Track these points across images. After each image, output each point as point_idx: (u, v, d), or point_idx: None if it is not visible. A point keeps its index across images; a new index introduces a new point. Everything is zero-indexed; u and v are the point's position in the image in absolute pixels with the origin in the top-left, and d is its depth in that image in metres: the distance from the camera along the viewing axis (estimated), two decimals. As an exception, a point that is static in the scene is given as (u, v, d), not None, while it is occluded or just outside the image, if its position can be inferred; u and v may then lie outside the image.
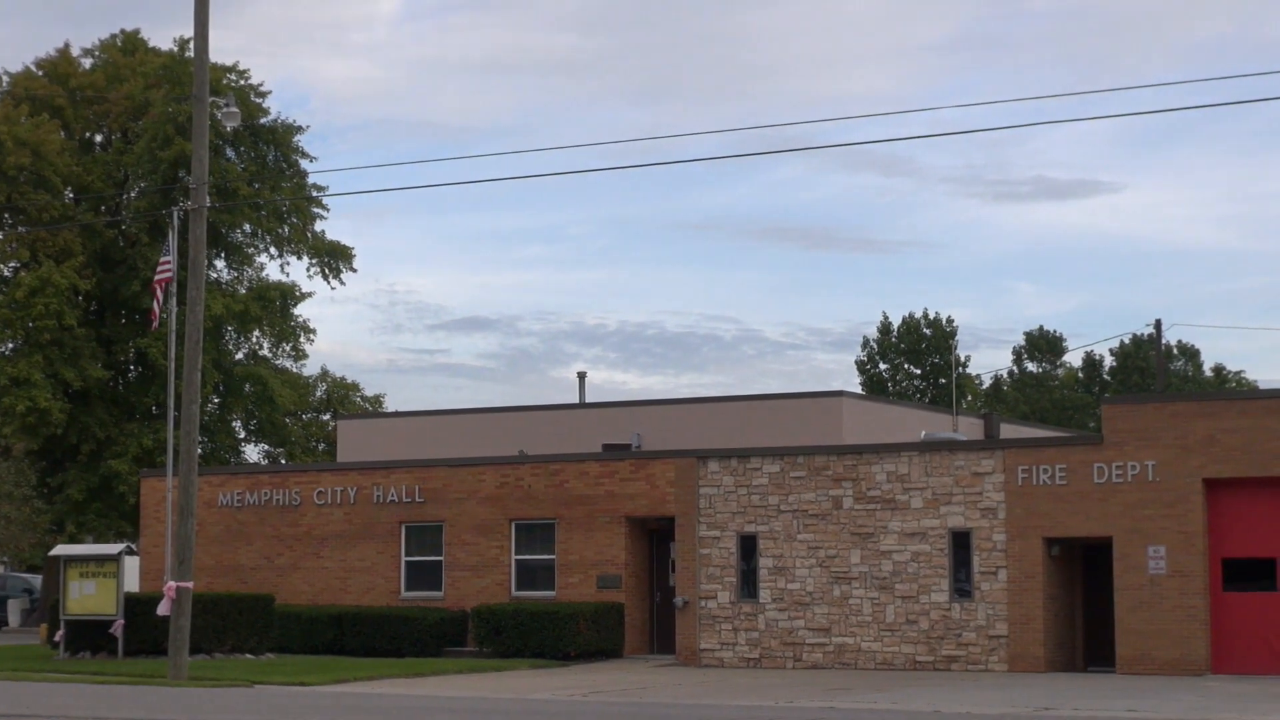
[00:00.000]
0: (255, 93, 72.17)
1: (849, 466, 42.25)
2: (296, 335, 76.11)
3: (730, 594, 43.27)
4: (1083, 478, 39.80)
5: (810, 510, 42.53)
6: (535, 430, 53.85)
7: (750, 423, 50.55)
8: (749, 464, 43.36)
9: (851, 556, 41.99)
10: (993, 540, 40.59)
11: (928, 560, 41.23)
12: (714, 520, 43.54)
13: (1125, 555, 39.25)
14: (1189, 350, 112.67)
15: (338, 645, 46.35)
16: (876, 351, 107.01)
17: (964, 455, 41.36)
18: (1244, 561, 39.03)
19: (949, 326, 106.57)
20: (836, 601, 42.07)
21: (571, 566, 45.81)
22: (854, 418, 50.73)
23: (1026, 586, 40.16)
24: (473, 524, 47.03)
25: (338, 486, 49.06)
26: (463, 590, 46.92)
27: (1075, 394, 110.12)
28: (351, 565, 48.55)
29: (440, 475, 47.79)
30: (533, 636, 44.07)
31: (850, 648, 41.81)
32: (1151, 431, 39.30)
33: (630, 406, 55.44)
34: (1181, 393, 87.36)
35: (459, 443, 53.24)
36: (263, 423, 74.93)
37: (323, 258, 74.03)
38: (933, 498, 41.28)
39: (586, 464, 46.29)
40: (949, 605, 40.94)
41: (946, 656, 40.77)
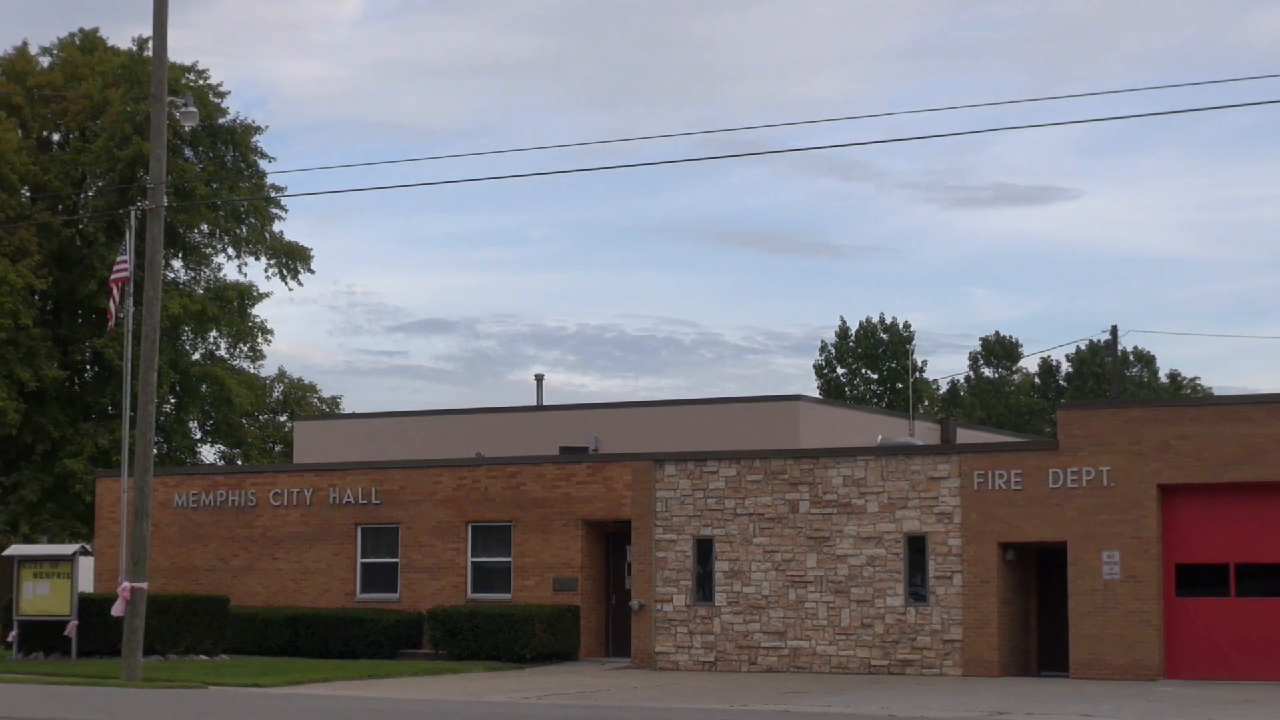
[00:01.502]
0: (214, 93, 72.03)
1: (805, 470, 42.33)
2: (254, 336, 75.95)
3: (686, 597, 43.32)
4: (1038, 483, 39.94)
5: (766, 514, 42.59)
6: (492, 432, 53.81)
7: (707, 426, 50.59)
8: (705, 467, 43.41)
9: (807, 560, 42.07)
10: (948, 545, 40.71)
11: (883, 564, 41.32)
12: (670, 523, 43.58)
13: (1079, 560, 39.40)
14: (1145, 356, 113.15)
15: (292, 647, 46.25)
16: (834, 356, 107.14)
17: (920, 460, 41.48)
18: (1198, 567, 39.21)
19: (906, 331, 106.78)
20: (792, 605, 42.14)
21: (528, 569, 45.79)
22: (811, 422, 50.82)
23: (981, 591, 40.29)
24: (429, 526, 46.98)
25: (294, 488, 48.95)
26: (419, 592, 46.86)
27: (1031, 399, 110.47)
28: (307, 567, 48.45)
29: (397, 477, 47.73)
30: (488, 639, 44.04)
31: (805, 651, 41.89)
32: (1106, 437, 39.47)
33: (588, 409, 55.45)
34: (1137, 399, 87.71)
35: (416, 445, 53.18)
36: (219, 423, 74.77)
37: (281, 258, 73.90)
38: (888, 502, 41.38)
39: (543, 466, 46.28)
40: (904, 609, 41.05)
41: (901, 660, 40.88)
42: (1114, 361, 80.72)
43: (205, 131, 70.45)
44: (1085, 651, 39.15)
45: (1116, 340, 78.41)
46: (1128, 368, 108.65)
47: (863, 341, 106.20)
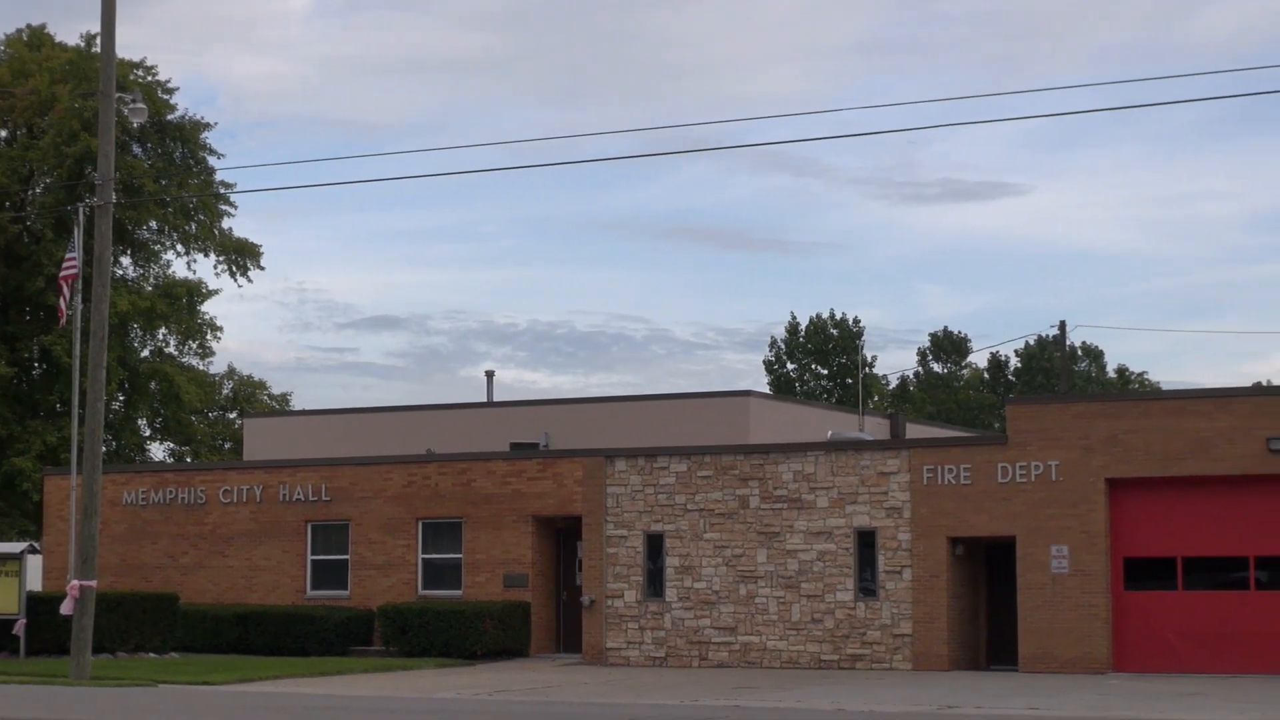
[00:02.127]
0: (162, 89, 71.77)
1: (755, 466, 42.42)
2: (203, 333, 75.72)
3: (637, 593, 43.36)
4: (987, 477, 40.11)
5: (717, 509, 42.66)
6: (443, 429, 53.76)
7: (658, 422, 50.64)
8: (656, 463, 43.46)
9: (758, 556, 42.15)
10: (898, 539, 40.84)
11: (833, 559, 41.44)
12: (621, 519, 43.62)
13: (1028, 554, 39.57)
14: (1093, 351, 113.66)
15: (243, 644, 46.14)
16: (784, 351, 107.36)
17: (869, 455, 41.60)
18: (1146, 561, 39.43)
19: (856, 327, 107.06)
20: (742, 600, 42.22)
21: (478, 565, 45.77)
22: (761, 417, 50.92)
23: (931, 585, 40.44)
24: (379, 523, 46.91)
25: (243, 485, 48.83)
26: (369, 589, 46.80)
27: (980, 394, 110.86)
28: (257, 564, 48.34)
29: (347, 474, 47.65)
30: (439, 635, 44.01)
31: (756, 646, 41.97)
32: (1055, 432, 39.65)
33: (538, 405, 55.46)
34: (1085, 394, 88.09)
35: (366, 441, 53.10)
36: (168, 421, 74.49)
37: (230, 255, 73.67)
38: (838, 497, 41.49)
39: (494, 463, 46.27)
40: (854, 604, 41.17)
41: (851, 655, 40.99)
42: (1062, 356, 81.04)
43: (154, 128, 70.20)
44: (1034, 645, 39.31)
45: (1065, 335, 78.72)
46: (1076, 363, 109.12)
47: (813, 337, 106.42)
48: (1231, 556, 38.96)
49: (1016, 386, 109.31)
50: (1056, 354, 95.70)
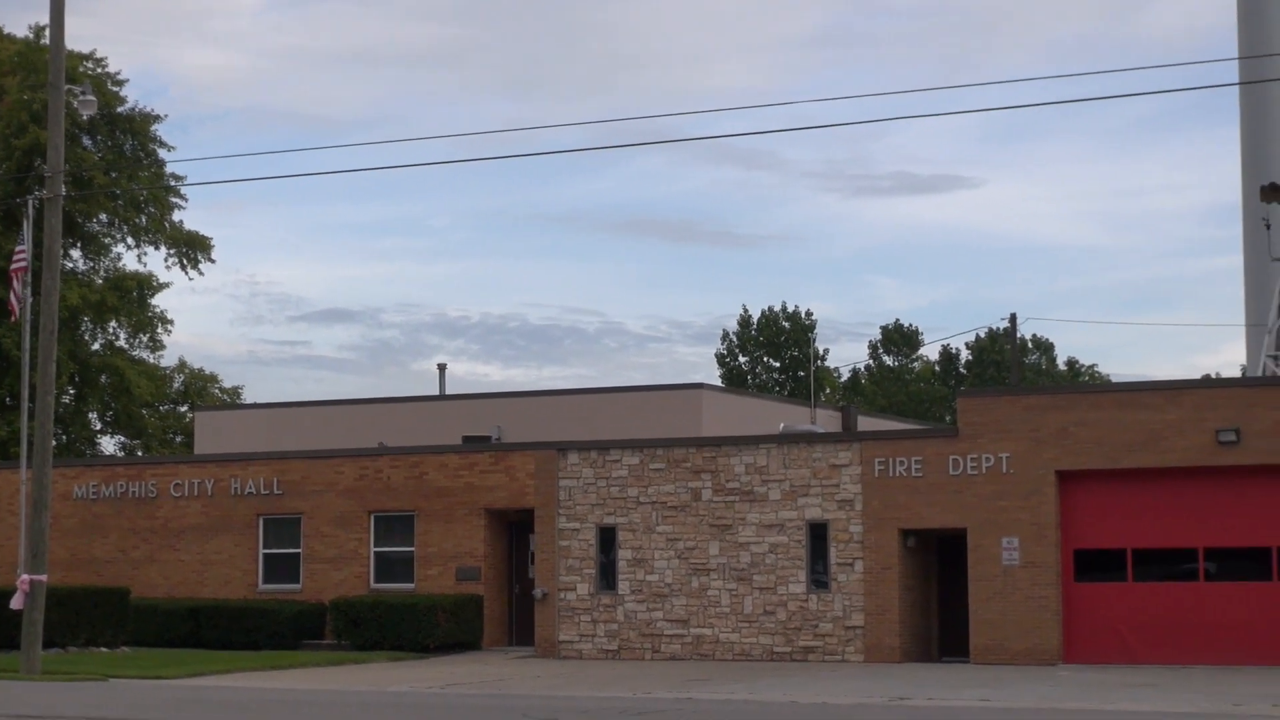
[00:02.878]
0: (112, 81, 71.42)
1: (708, 459, 42.46)
2: (154, 326, 75.35)
3: (589, 586, 43.38)
4: (938, 470, 40.24)
5: (669, 502, 42.70)
6: (395, 422, 53.70)
7: (610, 415, 50.65)
8: (608, 456, 43.47)
9: (710, 548, 42.21)
10: (849, 532, 40.94)
11: (785, 552, 41.51)
12: (573, 512, 43.63)
13: (979, 546, 39.72)
14: (1043, 344, 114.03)
15: (194, 639, 45.99)
16: (736, 344, 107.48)
17: (821, 447, 41.69)
18: (1096, 552, 39.60)
19: (808, 320, 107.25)
20: (695, 593, 42.27)
21: (431, 559, 45.73)
22: (713, 410, 50.99)
23: (883, 578, 40.55)
24: (331, 516, 46.83)
25: (195, 479, 48.68)
26: (321, 583, 46.70)
27: (931, 387, 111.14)
28: (208, 558, 48.19)
29: (299, 467, 47.54)
30: (391, 629, 43.95)
31: (708, 639, 42.03)
32: (1006, 424, 39.80)
33: (491, 399, 55.42)
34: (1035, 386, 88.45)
35: (318, 435, 52.99)
36: (119, 414, 74.18)
37: (181, 248, 73.34)
38: (790, 489, 41.57)
39: (446, 456, 46.22)
40: (806, 596, 41.25)
41: (804, 647, 41.09)
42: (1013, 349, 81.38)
43: (104, 120, 69.85)
44: (985, 637, 39.46)
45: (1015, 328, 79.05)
46: (1027, 355, 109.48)
47: (765, 330, 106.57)
48: (1181, 548, 39.15)
49: (967, 379, 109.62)
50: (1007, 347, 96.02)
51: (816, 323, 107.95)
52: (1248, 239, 64.25)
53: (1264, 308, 55.66)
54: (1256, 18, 64.85)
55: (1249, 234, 63.62)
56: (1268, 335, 51.78)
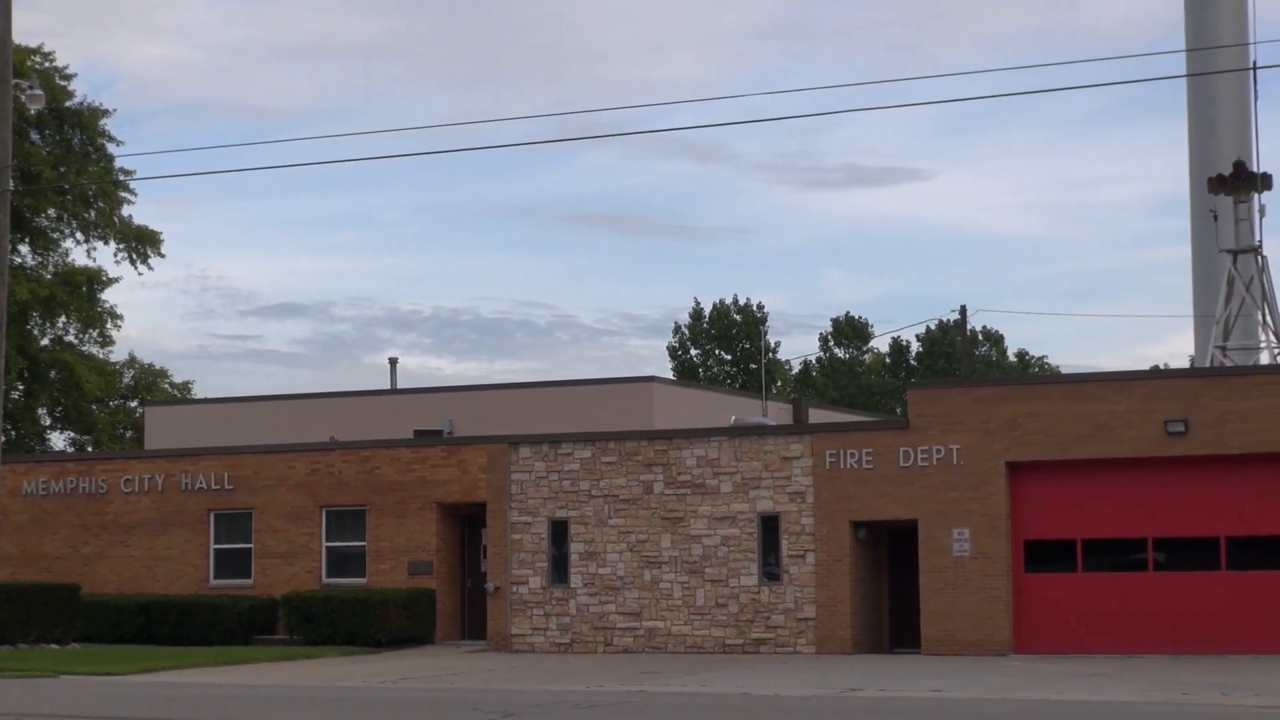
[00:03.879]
0: (60, 75, 71.07)
1: (659, 452, 42.52)
2: (103, 321, 75.01)
3: (541, 579, 43.39)
4: (889, 462, 40.36)
5: (621, 495, 42.75)
6: (347, 416, 53.61)
7: (562, 409, 50.67)
8: (560, 449, 43.50)
9: (662, 541, 42.27)
10: (801, 524, 41.04)
11: (737, 544, 41.60)
12: (525, 506, 43.63)
13: (930, 538, 39.86)
14: (993, 336, 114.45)
15: (145, 635, 45.86)
16: (688, 337, 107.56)
17: (773, 440, 41.77)
18: (1046, 543, 39.78)
19: (759, 313, 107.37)
20: (647, 586, 42.33)
21: (383, 553, 45.68)
22: (665, 403, 51.07)
23: (834, 569, 40.66)
24: (283, 511, 46.74)
25: (145, 474, 48.51)
26: (273, 578, 46.61)
27: (882, 379, 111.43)
28: (159, 554, 48.04)
29: (250, 462, 47.43)
30: (344, 623, 43.90)
31: (661, 632, 42.09)
32: (956, 416, 39.94)
33: (442, 393, 55.40)
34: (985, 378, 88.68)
35: (270, 429, 52.86)
36: (69, 410, 73.85)
37: (130, 243, 73.03)
38: (742, 482, 41.65)
39: (398, 450, 46.17)
40: (758, 589, 41.35)
41: (756, 639, 41.18)
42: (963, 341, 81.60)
43: (51, 115, 69.53)
44: (936, 628, 39.61)
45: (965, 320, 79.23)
46: (977, 347, 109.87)
47: (716, 323, 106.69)
48: (1130, 538, 39.37)
49: (918, 371, 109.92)
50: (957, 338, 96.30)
51: (768, 315, 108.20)
52: (1195, 230, 64.55)
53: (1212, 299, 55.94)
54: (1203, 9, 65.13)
55: (1197, 225, 63.92)
56: (1216, 326, 52.04)
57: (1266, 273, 51.45)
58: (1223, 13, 64.35)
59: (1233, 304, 51.64)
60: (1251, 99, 59.13)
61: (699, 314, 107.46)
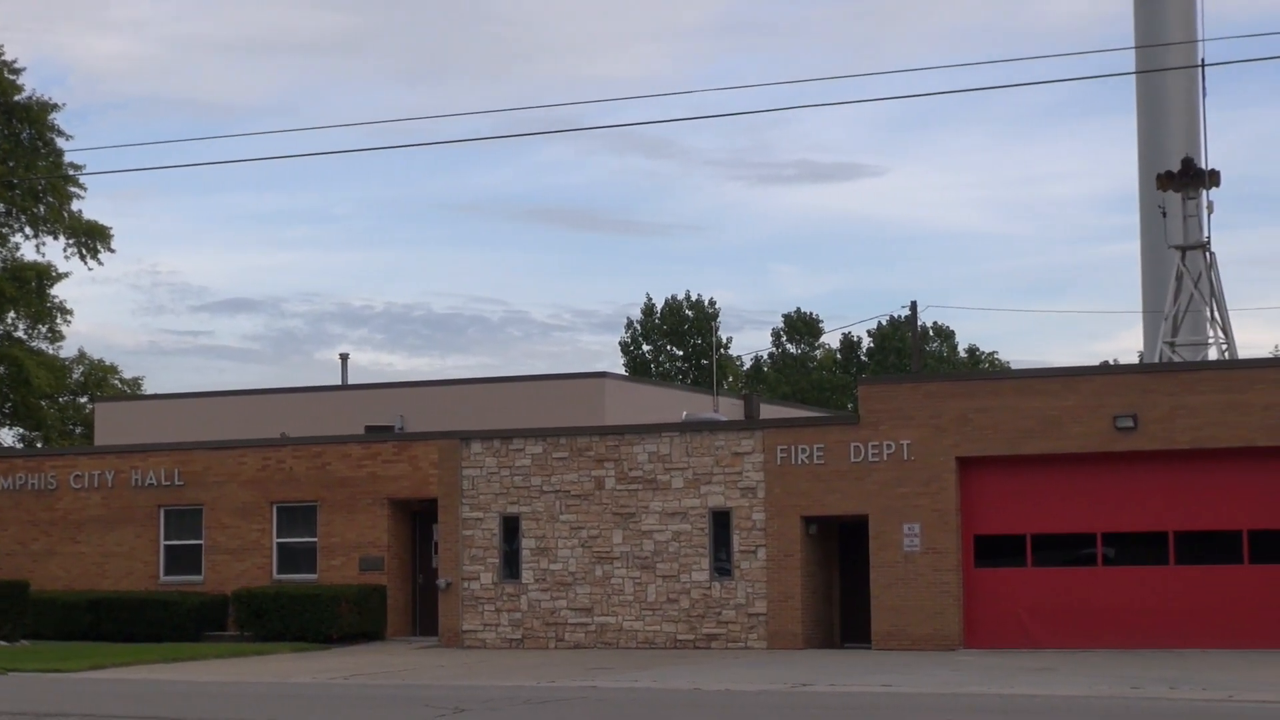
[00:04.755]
0: (9, 69, 70.80)
1: (611, 447, 42.54)
2: (53, 316, 74.77)
3: (493, 575, 43.38)
4: (840, 457, 40.45)
5: (573, 491, 42.75)
6: (298, 412, 53.49)
7: (514, 404, 50.66)
8: (511, 445, 43.48)
9: (613, 537, 42.30)
10: (752, 519, 41.10)
11: (688, 540, 41.64)
12: (477, 501, 43.61)
13: (881, 533, 39.96)
14: (944, 331, 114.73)
15: (95, 631, 45.71)
16: (640, 333, 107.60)
17: (724, 435, 41.83)
18: (996, 538, 39.92)
19: (711, 308, 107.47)
20: (598, 581, 42.35)
21: (334, 549, 45.61)
22: (616, 399, 51.08)
23: (785, 565, 40.74)
24: (233, 507, 46.62)
25: (95, 470, 48.33)
26: (223, 574, 46.49)
27: (833, 375, 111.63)
28: (109, 550, 47.88)
29: (200, 458, 47.29)
30: (294, 619, 43.83)
31: (612, 627, 42.12)
32: (906, 411, 40.05)
33: (394, 388, 55.34)
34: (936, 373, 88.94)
35: (220, 425, 52.72)
36: (17, 406, 73.56)
37: (80, 238, 72.79)
38: (693, 478, 41.69)
39: (349, 446, 46.10)
40: (709, 584, 41.40)
41: (707, 635, 41.23)
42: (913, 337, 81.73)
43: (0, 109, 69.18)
44: (887, 623, 39.72)
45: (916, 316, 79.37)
46: (927, 343, 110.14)
47: (668, 318, 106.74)
48: (1080, 533, 39.54)
49: (869, 367, 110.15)
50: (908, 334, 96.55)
51: (719, 311, 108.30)
52: (1145, 226, 64.84)
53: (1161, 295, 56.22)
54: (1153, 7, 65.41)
55: (1146, 221, 64.21)
56: (1165, 322, 52.32)
57: (1215, 269, 51.75)
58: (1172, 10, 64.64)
59: (1181, 300, 51.93)
60: (1200, 96, 59.41)
61: (651, 310, 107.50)
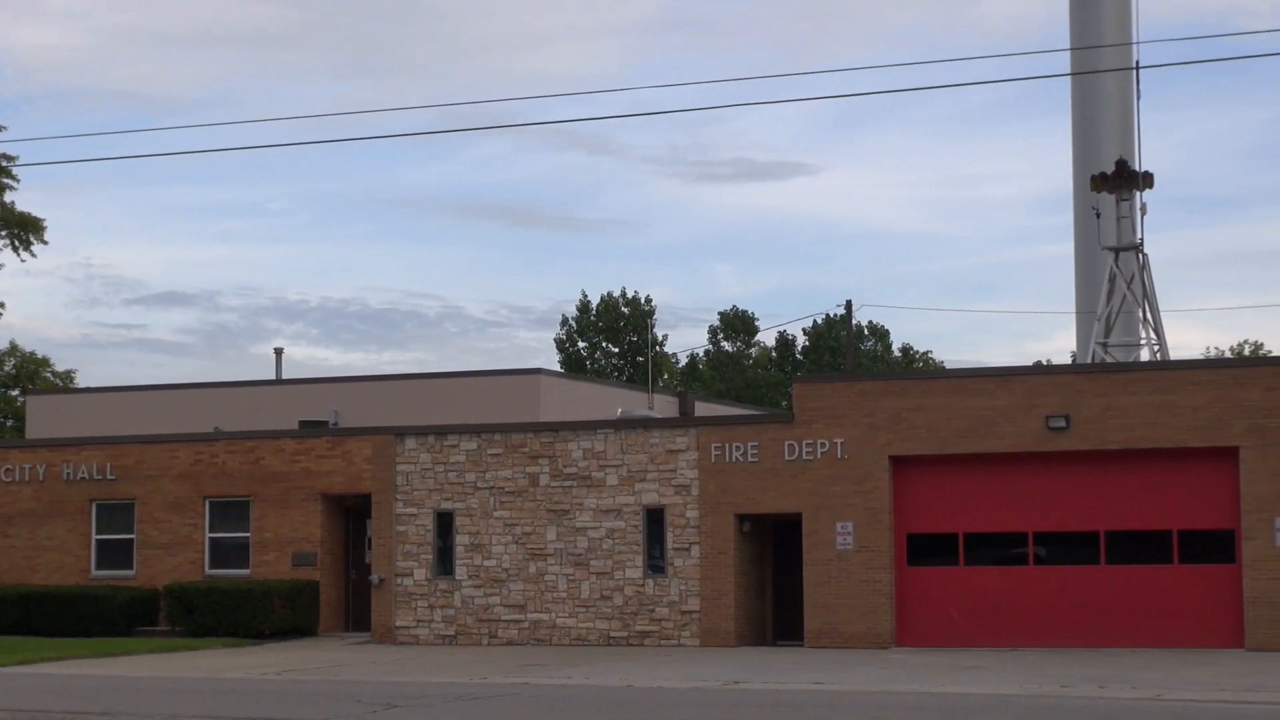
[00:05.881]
0: (-59, 59, 70.34)
1: (546, 444, 42.53)
2: (-16, 309, 74.24)
3: (426, 571, 43.31)
4: (774, 455, 40.53)
5: (507, 487, 42.72)
6: (232, 407, 53.32)
7: (449, 400, 50.60)
8: (446, 441, 43.41)
9: (548, 533, 42.29)
10: (686, 517, 41.15)
11: (622, 537, 41.67)
12: (411, 497, 43.54)
13: (814, 531, 40.06)
14: (879, 330, 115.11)
15: (25, 625, 45.44)
16: (575, 330, 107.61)
17: (659, 433, 41.87)
18: (928, 537, 40.06)
19: (647, 305, 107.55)
20: (532, 578, 42.33)
21: (266, 544, 45.46)
22: (551, 395, 51.09)
23: (718, 562, 40.79)
24: (166, 501, 46.41)
25: (26, 464, 48.02)
26: (155, 569, 46.29)
27: (768, 373, 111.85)
28: (40, 544, 47.59)
29: (133, 452, 47.06)
30: (226, 615, 43.68)
31: (546, 624, 42.11)
32: (840, 410, 40.16)
33: (328, 383, 55.19)
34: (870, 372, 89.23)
35: (154, 419, 52.50)
36: (-53, 399, 73.12)
37: (12, 229, 72.26)
38: (628, 475, 41.72)
39: (282, 441, 45.96)
40: (643, 581, 41.43)
41: (640, 632, 41.27)
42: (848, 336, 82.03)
43: (-67, 99, 68.77)
44: (819, 621, 39.83)
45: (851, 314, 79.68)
46: (862, 342, 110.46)
47: (604, 315, 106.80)
48: (1011, 532, 39.70)
49: (804, 365, 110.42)
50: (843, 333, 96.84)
51: (655, 308, 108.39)
52: (1078, 227, 65.21)
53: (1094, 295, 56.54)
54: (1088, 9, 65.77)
55: (1080, 222, 64.58)
56: (1097, 323, 52.61)
57: (1147, 270, 52.08)
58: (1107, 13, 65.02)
59: (1114, 301, 52.24)
60: (1134, 98, 59.77)
61: (586, 306, 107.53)
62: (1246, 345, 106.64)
